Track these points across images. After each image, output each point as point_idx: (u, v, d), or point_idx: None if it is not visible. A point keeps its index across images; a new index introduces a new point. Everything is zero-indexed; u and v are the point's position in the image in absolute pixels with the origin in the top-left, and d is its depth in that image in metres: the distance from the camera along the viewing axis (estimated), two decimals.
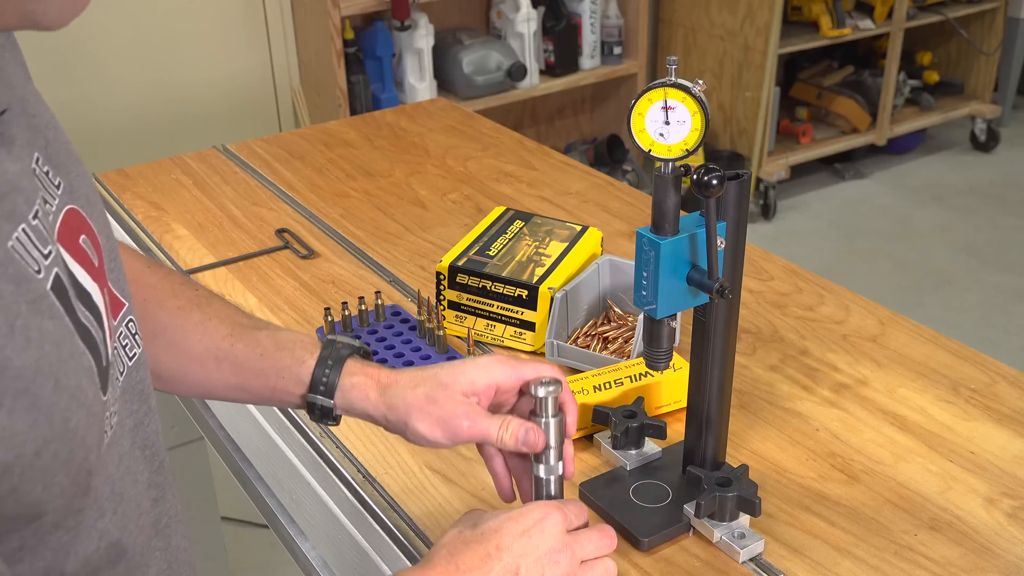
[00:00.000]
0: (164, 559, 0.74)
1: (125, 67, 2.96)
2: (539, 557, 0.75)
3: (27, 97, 0.65)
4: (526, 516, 0.77)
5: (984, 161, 4.13)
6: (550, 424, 0.82)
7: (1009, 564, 0.90)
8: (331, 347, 0.87)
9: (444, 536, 0.78)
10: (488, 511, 0.79)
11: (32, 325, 0.55)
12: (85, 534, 0.63)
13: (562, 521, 0.77)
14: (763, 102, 3.54)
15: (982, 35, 4.12)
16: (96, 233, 0.67)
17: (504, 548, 0.75)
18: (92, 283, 0.64)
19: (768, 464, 1.02)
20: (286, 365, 0.87)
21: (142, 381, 0.71)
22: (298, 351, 0.87)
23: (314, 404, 0.86)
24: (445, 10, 3.33)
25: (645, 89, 0.81)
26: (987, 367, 1.16)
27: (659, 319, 0.87)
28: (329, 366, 0.86)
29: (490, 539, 0.75)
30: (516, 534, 0.76)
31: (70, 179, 0.66)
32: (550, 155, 1.76)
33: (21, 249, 0.56)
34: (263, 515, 1.28)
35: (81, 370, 0.59)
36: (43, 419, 0.55)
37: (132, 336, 0.70)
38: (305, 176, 1.70)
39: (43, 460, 0.55)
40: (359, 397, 0.86)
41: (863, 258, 3.46)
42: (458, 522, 0.79)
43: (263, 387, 0.88)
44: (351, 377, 0.86)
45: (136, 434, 0.70)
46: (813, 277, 1.36)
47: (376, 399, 0.85)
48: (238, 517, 2.27)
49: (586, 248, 1.27)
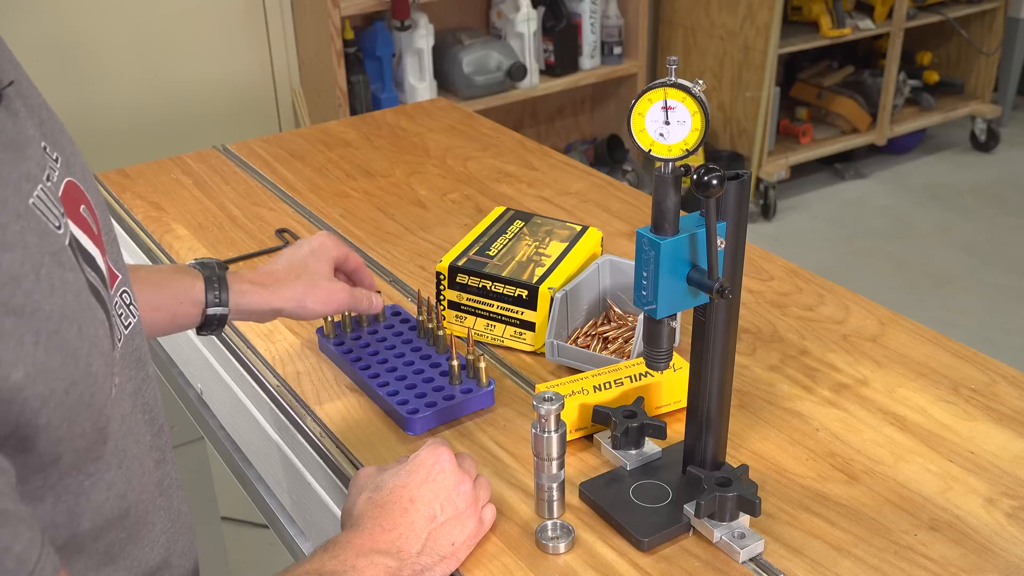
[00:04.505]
0: (167, 518, 0.78)
1: (125, 67, 2.96)
2: (448, 495, 0.86)
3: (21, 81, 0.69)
4: (423, 464, 0.88)
5: (984, 161, 4.13)
6: (552, 438, 0.88)
7: (1009, 564, 0.90)
8: (207, 267, 1.04)
9: (354, 505, 0.87)
10: (374, 470, 0.91)
11: (55, 275, 0.59)
12: (97, 481, 0.67)
13: (450, 456, 0.88)
14: (763, 102, 3.54)
15: (982, 35, 4.12)
16: (93, 206, 0.72)
17: (417, 499, 0.85)
18: (95, 248, 0.69)
19: (768, 464, 1.02)
20: (179, 292, 1.02)
21: (138, 349, 0.76)
22: (183, 278, 1.03)
23: (212, 316, 1.03)
24: (445, 10, 3.33)
25: (645, 89, 0.81)
26: (987, 367, 1.16)
27: (659, 319, 0.87)
28: (216, 282, 1.03)
29: (400, 494, 0.85)
30: (420, 482, 0.86)
31: (66, 155, 0.71)
32: (550, 155, 1.76)
33: (42, 206, 0.61)
34: (263, 515, 1.28)
35: (97, 321, 0.63)
36: (71, 360, 0.59)
37: (127, 306, 0.75)
38: (305, 176, 1.70)
39: (71, 398, 0.60)
40: (251, 300, 1.04)
41: (863, 258, 3.46)
42: (358, 488, 0.88)
43: (164, 317, 1.02)
44: (238, 285, 1.04)
45: (136, 398, 0.74)
46: (813, 277, 1.36)
47: (268, 296, 1.05)
48: (238, 517, 2.27)
49: (586, 248, 1.27)
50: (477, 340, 1.23)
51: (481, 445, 1.06)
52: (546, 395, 0.86)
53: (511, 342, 1.21)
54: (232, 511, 2.21)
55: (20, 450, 0.59)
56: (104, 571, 0.70)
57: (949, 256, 3.45)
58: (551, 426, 0.87)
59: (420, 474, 0.87)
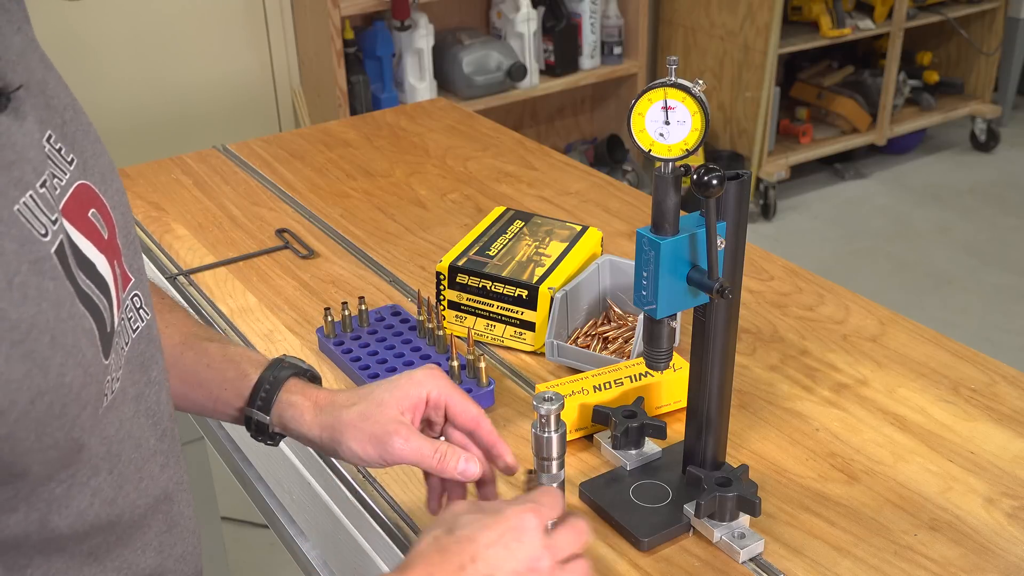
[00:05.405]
0: (166, 522, 0.76)
1: (125, 67, 2.96)
2: (516, 568, 0.72)
3: (48, 81, 0.69)
4: (501, 522, 0.73)
5: (984, 161, 4.13)
6: (552, 438, 0.87)
7: (1009, 564, 0.90)
8: (277, 365, 0.88)
9: (421, 540, 0.75)
10: (466, 510, 0.76)
11: (31, 283, 0.58)
12: (78, 489, 0.66)
13: (538, 525, 0.74)
14: (763, 102, 3.54)
15: (982, 35, 4.12)
16: (109, 209, 0.70)
17: (479, 559, 0.72)
18: (99, 255, 0.67)
19: (768, 464, 1.02)
20: (229, 378, 0.88)
21: (144, 353, 0.74)
22: (243, 365, 0.89)
23: (251, 418, 0.87)
24: (445, 10, 3.32)
25: (645, 89, 0.81)
26: (987, 367, 1.16)
27: (659, 319, 0.87)
28: (270, 382, 0.87)
29: (465, 548, 0.72)
30: (491, 543, 0.72)
31: (84, 157, 0.69)
32: (550, 155, 1.76)
33: (28, 213, 0.60)
34: (263, 515, 1.28)
35: (80, 331, 0.61)
36: (37, 371, 0.58)
37: (136, 310, 0.73)
38: (305, 176, 1.70)
39: (37, 410, 0.58)
40: (294, 416, 0.86)
41: (863, 258, 3.46)
42: (436, 523, 0.76)
43: (205, 398, 0.89)
44: (289, 395, 0.87)
45: (139, 403, 0.72)
46: (813, 277, 1.36)
47: (311, 420, 0.86)
48: (238, 517, 2.27)
49: (586, 248, 1.27)
50: (477, 340, 1.23)
51: None
52: (546, 395, 0.86)
53: (511, 342, 1.21)
54: (232, 511, 2.21)
55: None
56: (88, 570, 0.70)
57: (949, 256, 3.45)
58: (551, 426, 0.87)
59: (494, 532, 0.73)
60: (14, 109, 0.62)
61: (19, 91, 0.63)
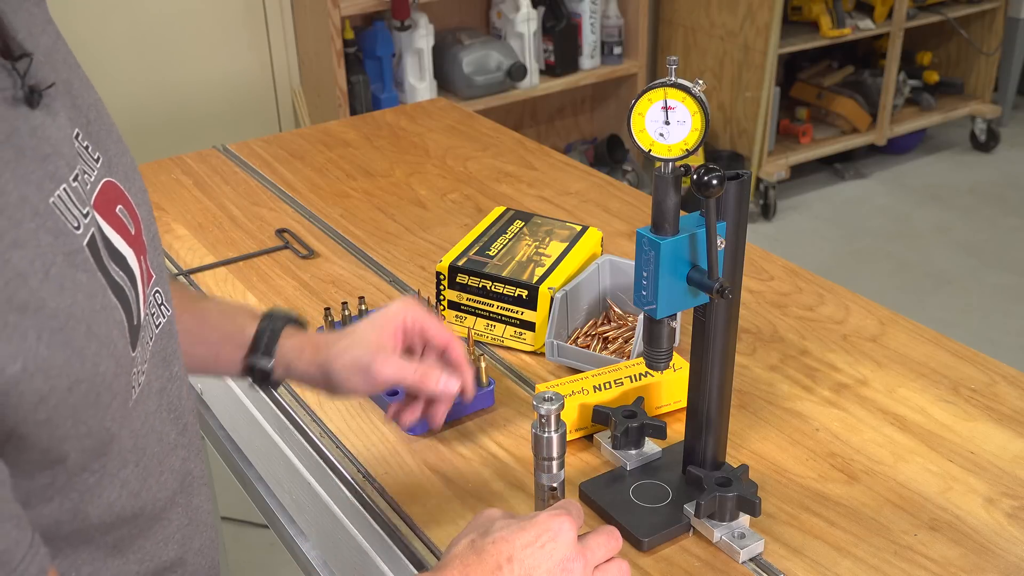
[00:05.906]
0: (185, 515, 0.78)
1: (125, 67, 2.96)
2: (551, 568, 0.75)
3: (73, 81, 0.70)
4: (537, 525, 0.76)
5: (984, 161, 4.13)
6: (552, 438, 0.88)
7: (1009, 564, 0.90)
8: (271, 315, 0.94)
9: (456, 543, 0.77)
10: (499, 515, 0.79)
11: (66, 275, 0.60)
12: (108, 480, 0.68)
13: (573, 529, 0.76)
14: (763, 102, 3.54)
15: (982, 35, 4.12)
16: (134, 207, 0.73)
17: (515, 560, 0.74)
18: (128, 248, 0.69)
19: (768, 464, 1.02)
20: (228, 331, 0.94)
21: (166, 348, 0.76)
22: (239, 319, 0.94)
23: (254, 366, 0.93)
24: (445, 10, 3.32)
25: (645, 89, 0.81)
26: (987, 367, 1.16)
27: (659, 319, 0.87)
28: (271, 331, 0.93)
29: (501, 550, 0.75)
30: (526, 544, 0.75)
31: (109, 156, 0.71)
32: (550, 155, 1.76)
33: (62, 206, 0.61)
34: (263, 515, 1.28)
35: (112, 322, 0.63)
36: (75, 359, 0.60)
37: (159, 305, 0.75)
38: (305, 176, 1.70)
39: (74, 397, 0.60)
40: (296, 357, 0.93)
41: (863, 258, 3.45)
42: (469, 527, 0.79)
43: (206, 353, 0.94)
44: (289, 339, 0.93)
45: (162, 397, 0.75)
46: (813, 277, 1.36)
47: (309, 358, 0.93)
48: (238, 517, 2.27)
49: (586, 248, 1.27)
50: (477, 340, 1.23)
51: (481, 445, 1.06)
52: (546, 395, 0.86)
53: (511, 342, 1.21)
54: (232, 511, 2.21)
55: (21, 448, 0.59)
56: (111, 562, 0.71)
57: (949, 256, 3.45)
58: (551, 426, 0.87)
59: (529, 535, 0.75)
60: (46, 106, 0.63)
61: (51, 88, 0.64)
